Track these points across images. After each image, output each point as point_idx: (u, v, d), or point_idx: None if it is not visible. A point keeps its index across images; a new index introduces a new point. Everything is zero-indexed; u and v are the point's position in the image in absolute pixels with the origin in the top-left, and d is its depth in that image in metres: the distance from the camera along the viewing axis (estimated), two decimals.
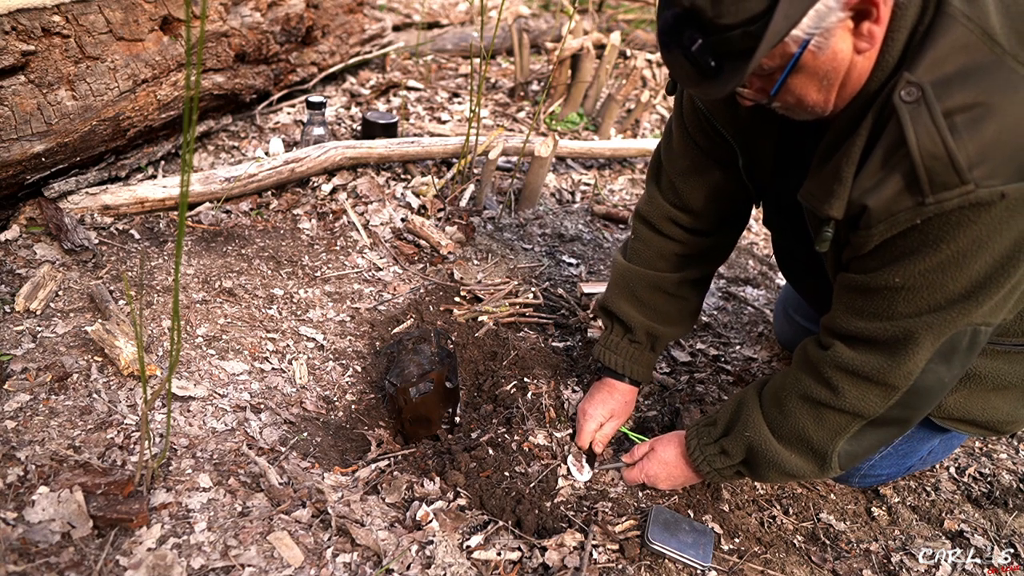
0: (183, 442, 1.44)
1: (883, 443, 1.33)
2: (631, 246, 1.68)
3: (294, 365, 1.77)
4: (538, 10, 4.74)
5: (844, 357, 1.23)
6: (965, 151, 0.99)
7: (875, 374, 1.20)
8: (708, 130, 1.47)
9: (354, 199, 2.44)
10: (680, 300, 1.66)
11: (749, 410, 1.38)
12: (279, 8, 2.60)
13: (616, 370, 1.68)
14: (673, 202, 1.59)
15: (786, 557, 1.48)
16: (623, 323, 1.67)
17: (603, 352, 1.70)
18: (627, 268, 1.66)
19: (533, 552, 1.36)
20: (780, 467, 1.34)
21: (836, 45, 1.05)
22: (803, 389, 1.30)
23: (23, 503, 1.22)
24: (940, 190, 1.01)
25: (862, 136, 1.11)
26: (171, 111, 2.22)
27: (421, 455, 1.59)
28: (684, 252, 1.63)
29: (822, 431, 1.29)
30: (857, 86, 1.12)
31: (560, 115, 3.38)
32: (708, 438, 1.45)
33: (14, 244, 1.86)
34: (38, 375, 1.49)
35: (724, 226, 1.64)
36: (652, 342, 1.68)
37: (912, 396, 1.21)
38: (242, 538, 1.26)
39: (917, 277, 1.11)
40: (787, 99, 1.14)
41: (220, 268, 2.00)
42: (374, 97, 3.20)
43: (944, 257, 1.07)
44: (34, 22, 1.73)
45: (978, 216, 1.02)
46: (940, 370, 1.19)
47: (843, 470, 1.33)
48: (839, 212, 1.14)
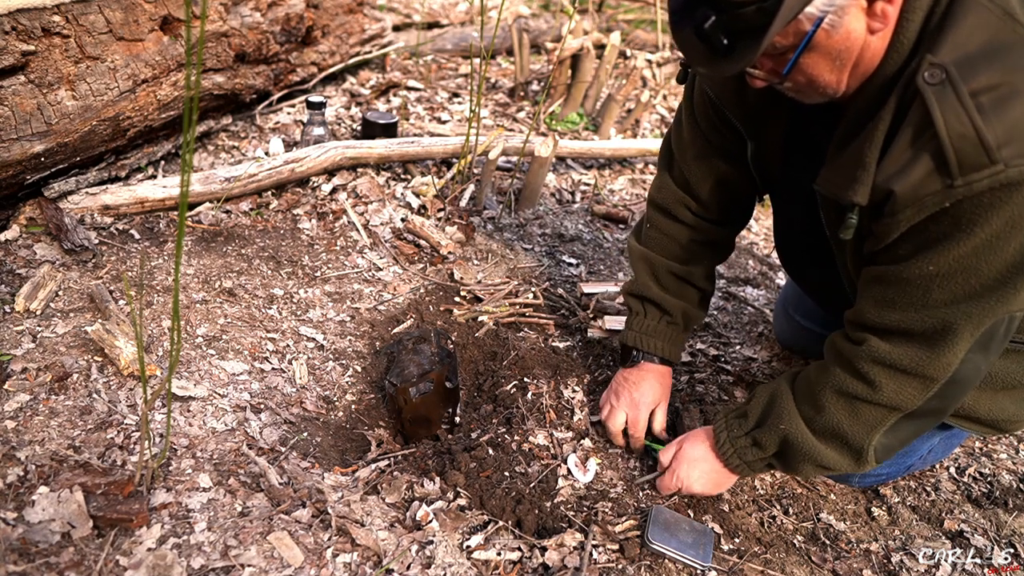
0: (183, 442, 1.44)
1: (918, 434, 1.31)
2: (646, 233, 1.69)
3: (294, 365, 1.77)
4: (538, 10, 4.74)
5: (880, 351, 1.21)
6: (993, 131, 0.98)
7: (914, 367, 1.18)
8: (716, 121, 1.48)
9: (354, 199, 2.44)
10: (693, 288, 1.68)
11: (784, 402, 1.36)
12: (279, 8, 2.60)
13: (657, 353, 1.67)
14: (684, 187, 1.61)
15: (786, 557, 1.48)
16: (658, 305, 1.66)
17: (639, 338, 1.67)
18: (646, 254, 1.68)
19: (533, 552, 1.36)
20: (815, 460, 1.33)
21: (850, 24, 1.05)
22: (838, 384, 1.28)
23: (23, 503, 1.22)
24: (969, 172, 1.00)
25: (885, 120, 1.09)
26: (171, 111, 2.22)
27: (421, 455, 1.59)
28: (696, 238, 1.64)
29: (858, 425, 1.27)
30: (870, 67, 1.11)
31: (560, 115, 3.38)
32: (739, 430, 1.43)
33: (14, 244, 1.86)
34: (38, 375, 1.49)
35: (730, 217, 1.66)
36: (686, 322, 1.69)
37: (950, 387, 1.20)
38: (242, 538, 1.26)
39: (952, 263, 1.08)
40: (799, 79, 1.13)
41: (220, 268, 2.00)
42: (374, 97, 3.20)
43: (979, 241, 1.05)
44: (34, 22, 1.73)
45: (1010, 197, 1.00)
46: (978, 359, 1.17)
47: (879, 463, 1.31)
48: (863, 198, 1.11)
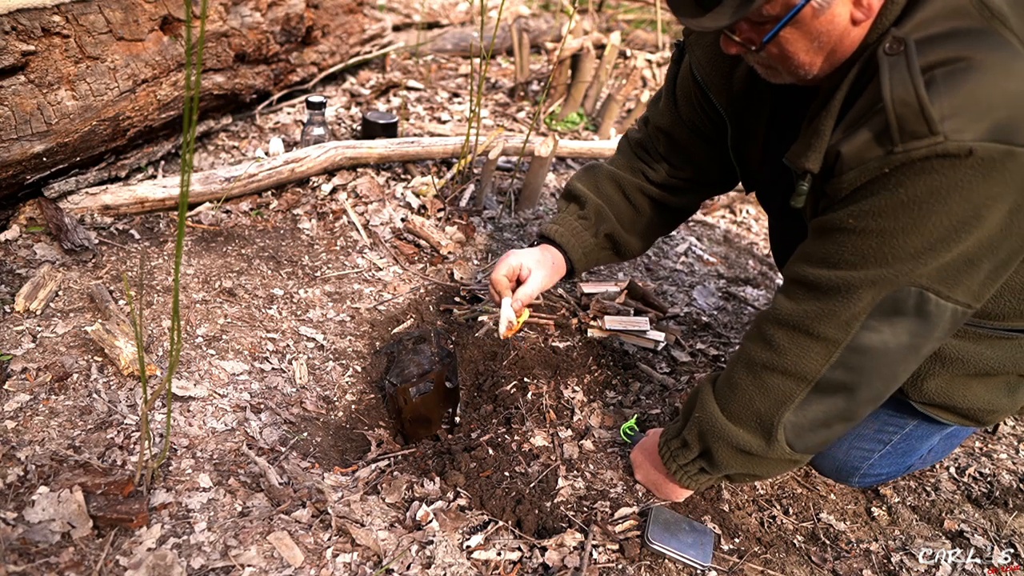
0: (183, 442, 1.44)
1: (830, 417, 1.26)
2: (609, 158, 1.78)
3: (294, 365, 1.77)
4: (538, 10, 4.74)
5: (782, 310, 1.22)
6: (939, 103, 0.98)
7: (809, 324, 1.18)
8: (697, 103, 1.53)
9: (354, 199, 2.44)
10: (634, 208, 1.69)
11: (701, 393, 1.37)
12: (279, 8, 2.60)
13: (555, 237, 1.65)
14: (654, 144, 1.67)
15: (786, 557, 1.48)
16: (578, 199, 1.69)
17: (548, 225, 1.69)
18: (597, 163, 1.74)
19: (533, 552, 1.36)
20: (729, 440, 1.31)
21: (836, 8, 1.07)
22: (746, 355, 1.28)
23: (23, 503, 1.22)
24: (910, 139, 1.01)
25: (843, 91, 1.12)
26: (171, 111, 2.22)
27: (421, 455, 1.59)
28: (655, 179, 1.68)
29: (767, 400, 1.26)
30: (845, 55, 1.13)
31: (560, 115, 3.38)
32: (672, 432, 1.44)
33: (14, 244, 1.87)
34: (38, 375, 1.49)
35: (695, 187, 1.70)
36: (598, 224, 1.66)
37: (853, 356, 1.17)
38: (242, 538, 1.26)
39: (869, 220, 1.09)
40: (774, 52, 1.15)
41: (220, 268, 2.00)
42: (374, 97, 3.20)
43: (898, 201, 1.05)
44: (34, 22, 1.73)
45: (942, 167, 1.01)
46: (884, 331, 1.14)
47: (792, 448, 1.28)
48: (816, 164, 1.14)
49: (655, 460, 1.50)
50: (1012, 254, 1.11)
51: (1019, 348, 1.35)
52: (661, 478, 1.49)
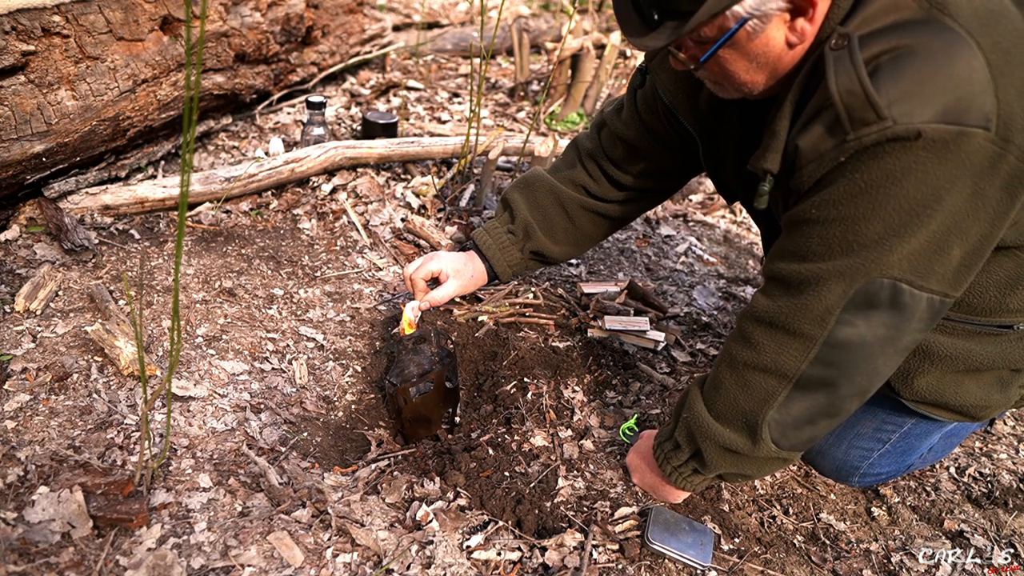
0: (183, 442, 1.44)
1: (813, 414, 1.25)
2: (554, 163, 1.80)
3: (294, 365, 1.77)
4: (538, 10, 4.74)
5: (759, 307, 1.23)
6: (885, 90, 1.01)
7: (785, 319, 1.19)
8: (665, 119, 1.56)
9: (354, 199, 2.44)
10: (571, 221, 1.74)
11: (690, 394, 1.38)
12: (279, 8, 2.60)
13: (481, 248, 1.75)
14: (607, 153, 1.69)
15: (786, 557, 1.48)
16: (511, 210, 1.75)
17: (478, 232, 1.77)
18: (538, 172, 1.76)
19: (533, 552, 1.36)
20: (716, 440, 1.31)
21: (771, 32, 1.11)
22: (729, 355, 1.29)
23: (23, 503, 1.22)
24: (860, 127, 1.03)
25: (795, 91, 1.15)
26: (171, 111, 2.23)
27: (421, 455, 1.59)
28: (597, 193, 1.72)
29: (751, 399, 1.26)
30: (784, 73, 1.17)
31: (560, 115, 3.38)
32: (664, 434, 1.45)
33: (14, 244, 1.87)
34: (38, 375, 1.49)
35: (645, 195, 1.74)
36: (525, 242, 1.74)
37: (831, 351, 1.17)
38: (242, 538, 1.26)
39: (830, 209, 1.10)
40: (714, 69, 1.19)
41: (220, 268, 2.00)
42: (374, 97, 3.20)
43: (856, 188, 1.07)
44: (34, 22, 1.73)
45: (893, 150, 1.02)
46: (859, 324, 1.14)
47: (778, 445, 1.27)
48: (774, 164, 1.16)
49: (651, 463, 1.50)
50: (983, 240, 1.11)
51: (1008, 343, 1.35)
52: (658, 481, 1.50)
